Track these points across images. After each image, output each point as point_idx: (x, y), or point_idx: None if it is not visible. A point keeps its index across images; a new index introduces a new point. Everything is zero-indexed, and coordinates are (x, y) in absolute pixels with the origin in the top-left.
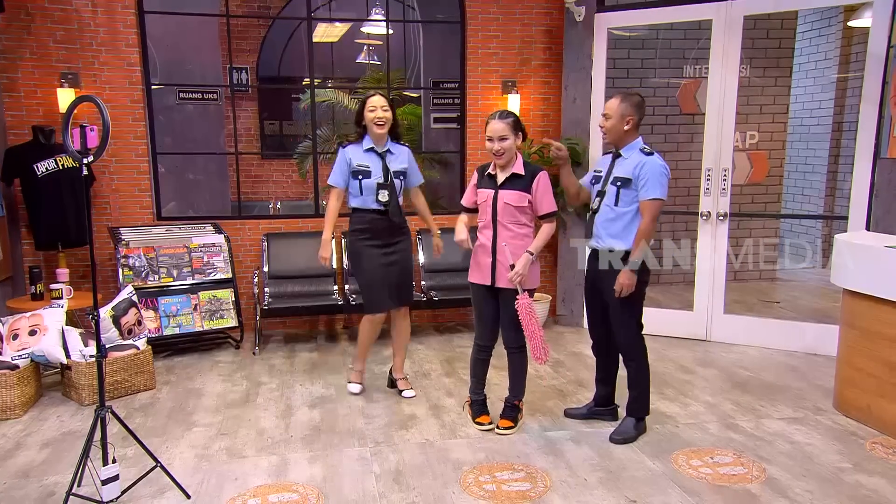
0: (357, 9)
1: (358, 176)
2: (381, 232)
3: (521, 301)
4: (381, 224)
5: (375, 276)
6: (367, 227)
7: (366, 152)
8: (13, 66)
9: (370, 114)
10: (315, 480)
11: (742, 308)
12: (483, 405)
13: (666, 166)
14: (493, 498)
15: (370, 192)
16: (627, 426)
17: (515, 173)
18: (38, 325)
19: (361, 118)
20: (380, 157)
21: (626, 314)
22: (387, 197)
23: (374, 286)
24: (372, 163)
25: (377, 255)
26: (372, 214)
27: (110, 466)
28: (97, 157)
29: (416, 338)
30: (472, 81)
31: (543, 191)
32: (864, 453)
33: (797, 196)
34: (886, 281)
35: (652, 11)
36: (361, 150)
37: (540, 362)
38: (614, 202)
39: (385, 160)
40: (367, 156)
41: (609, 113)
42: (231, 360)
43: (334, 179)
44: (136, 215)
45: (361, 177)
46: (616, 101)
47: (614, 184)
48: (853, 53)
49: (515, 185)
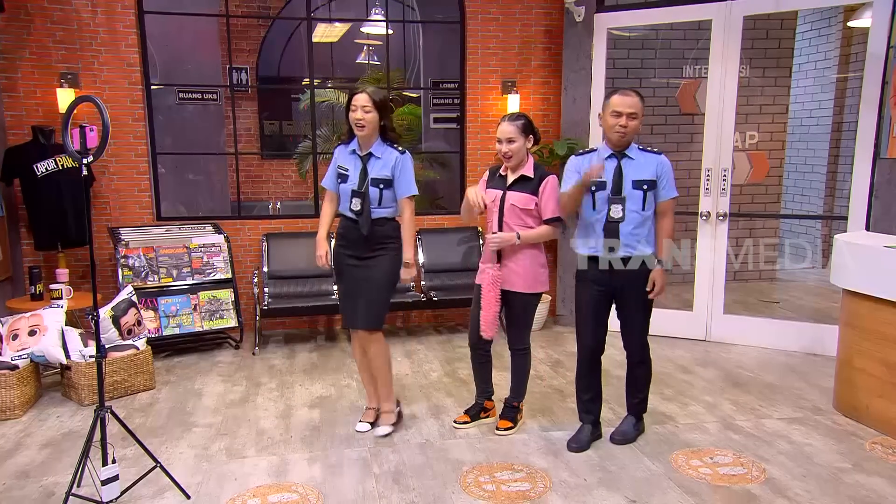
0: (357, 9)
1: (338, 179)
2: (354, 242)
3: (491, 272)
4: (354, 234)
5: (342, 286)
6: (343, 234)
7: (350, 154)
8: (13, 67)
9: (351, 114)
10: (315, 481)
11: (742, 308)
12: (477, 407)
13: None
14: (493, 498)
15: (346, 197)
16: (628, 426)
17: (524, 175)
18: (37, 326)
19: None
20: (361, 160)
21: (646, 317)
22: (358, 206)
23: (340, 295)
24: (352, 166)
25: (349, 264)
26: (347, 221)
27: (110, 467)
28: (97, 158)
29: (416, 338)
30: (472, 82)
31: (549, 195)
32: (863, 453)
33: (797, 196)
34: (886, 281)
35: (652, 12)
36: (347, 152)
37: (486, 335)
38: (642, 206)
39: (366, 165)
40: (350, 158)
41: (636, 112)
42: (231, 360)
43: (325, 181)
44: (136, 215)
45: (340, 181)
46: (637, 99)
47: (638, 188)
48: (853, 54)
49: (524, 187)
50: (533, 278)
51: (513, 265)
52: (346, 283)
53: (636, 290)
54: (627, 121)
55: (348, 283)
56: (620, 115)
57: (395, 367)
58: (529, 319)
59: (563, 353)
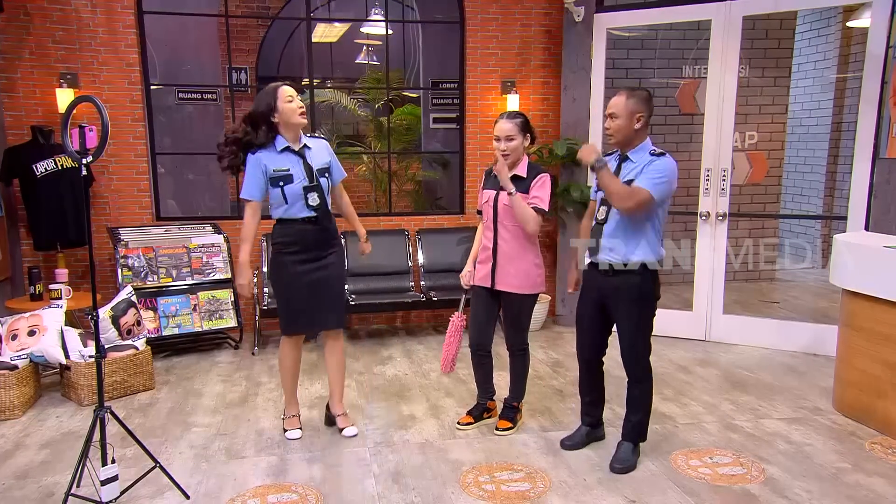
0: (356, 9)
1: (279, 183)
2: (311, 244)
3: (453, 319)
4: (311, 235)
5: (299, 295)
6: (295, 241)
7: (281, 154)
8: (12, 67)
9: (287, 105)
10: (314, 481)
11: (741, 308)
12: (480, 408)
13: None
14: (493, 498)
15: (296, 198)
16: (627, 453)
17: (517, 175)
18: (37, 326)
19: (270, 114)
20: (298, 155)
21: (640, 336)
22: (317, 201)
23: (294, 304)
24: (291, 164)
25: (303, 271)
26: (300, 224)
27: (109, 467)
28: (96, 158)
29: (416, 338)
30: (472, 82)
31: (538, 187)
32: (863, 453)
33: (796, 196)
34: (885, 281)
35: (651, 12)
36: (276, 153)
37: (444, 371)
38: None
39: (306, 158)
40: (284, 157)
41: (615, 111)
42: (230, 360)
43: (248, 192)
44: (136, 215)
45: (283, 183)
46: (622, 97)
47: None
48: (852, 54)
49: (517, 187)
50: (527, 278)
51: (506, 265)
52: (296, 289)
53: (623, 302)
54: (610, 121)
55: (301, 289)
56: (608, 116)
57: (395, 367)
58: (526, 321)
59: (563, 353)
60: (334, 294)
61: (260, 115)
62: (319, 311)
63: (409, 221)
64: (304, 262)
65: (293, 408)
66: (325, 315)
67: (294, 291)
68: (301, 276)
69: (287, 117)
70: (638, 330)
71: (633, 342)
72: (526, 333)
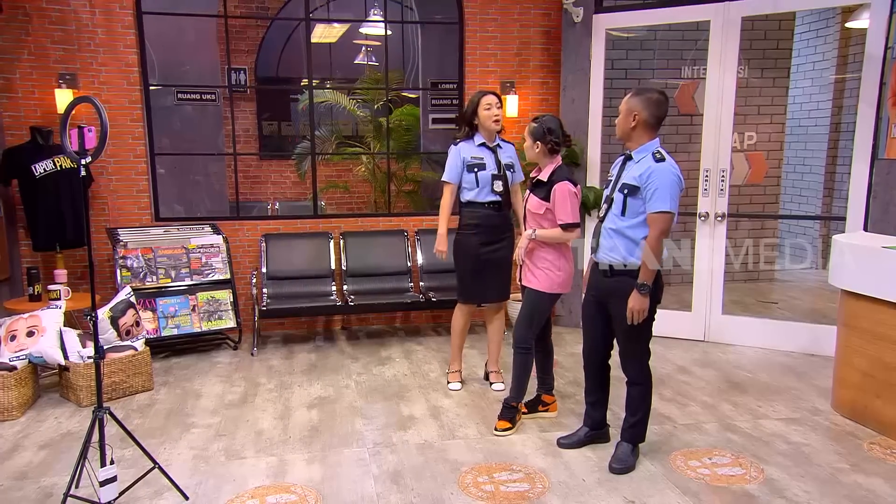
0: (355, 9)
1: (474, 169)
2: (493, 228)
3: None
4: (494, 220)
5: (477, 271)
6: (480, 223)
7: (478, 147)
8: (11, 67)
9: (485, 112)
10: (313, 481)
11: (740, 309)
12: (536, 401)
13: (679, 175)
14: (492, 499)
15: (486, 183)
16: (625, 453)
17: (539, 179)
18: (35, 326)
19: (474, 117)
20: (491, 151)
21: (637, 339)
22: (501, 187)
23: (472, 278)
24: (486, 156)
25: (484, 252)
26: (485, 209)
27: (108, 468)
28: (95, 158)
29: (415, 338)
30: (471, 82)
31: (559, 202)
32: (861, 454)
33: (795, 197)
34: (884, 281)
35: (650, 12)
36: (474, 146)
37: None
38: (621, 211)
39: (497, 154)
40: (480, 150)
41: (620, 107)
42: (229, 360)
43: (449, 175)
44: (135, 216)
45: (477, 169)
46: (628, 95)
47: (621, 191)
48: (851, 55)
49: (538, 191)
50: (544, 277)
51: (530, 262)
52: (477, 268)
53: (616, 303)
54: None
55: (480, 268)
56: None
57: (394, 368)
58: (532, 314)
59: (563, 353)
60: (504, 273)
61: (467, 116)
62: (491, 287)
63: (409, 222)
64: (484, 245)
65: (456, 364)
66: (494, 290)
67: (475, 267)
68: (481, 255)
69: (485, 122)
70: (636, 332)
71: (631, 344)
72: (528, 332)
